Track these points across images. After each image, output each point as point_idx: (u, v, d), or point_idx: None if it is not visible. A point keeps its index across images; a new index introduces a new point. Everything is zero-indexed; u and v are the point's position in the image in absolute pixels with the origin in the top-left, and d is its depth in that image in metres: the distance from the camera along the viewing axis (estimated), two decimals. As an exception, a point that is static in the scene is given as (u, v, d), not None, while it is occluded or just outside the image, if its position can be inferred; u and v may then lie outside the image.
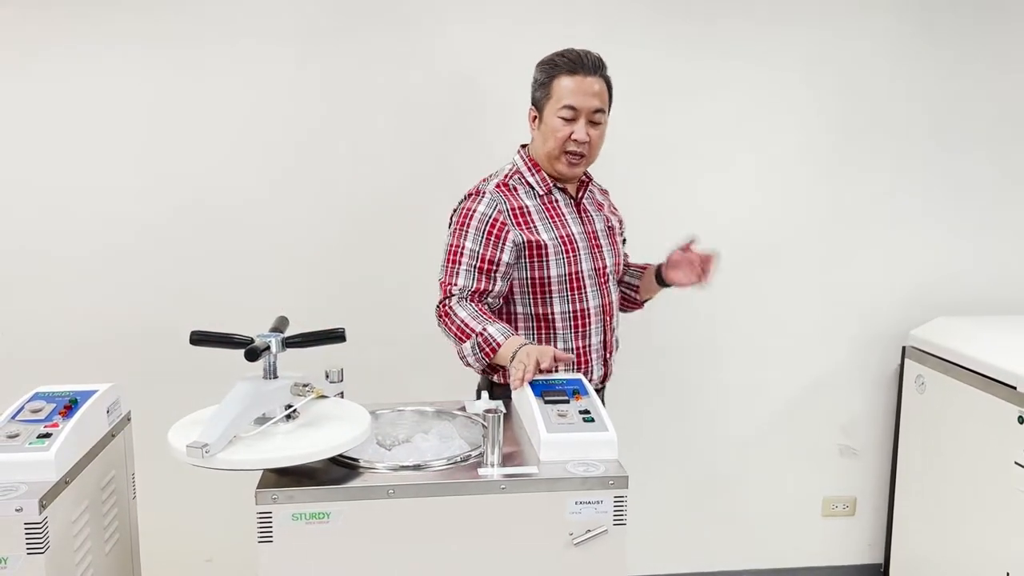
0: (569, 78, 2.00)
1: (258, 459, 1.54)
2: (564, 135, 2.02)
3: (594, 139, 2.04)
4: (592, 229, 2.13)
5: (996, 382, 2.41)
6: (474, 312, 1.96)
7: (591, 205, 2.17)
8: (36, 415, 1.70)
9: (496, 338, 1.89)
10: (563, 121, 2.01)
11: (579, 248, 2.08)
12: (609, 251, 2.15)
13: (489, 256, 2.00)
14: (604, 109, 2.04)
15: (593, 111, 2.01)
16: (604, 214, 2.18)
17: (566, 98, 2.00)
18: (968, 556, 2.55)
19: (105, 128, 2.56)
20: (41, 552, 1.52)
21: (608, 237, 2.16)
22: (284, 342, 1.68)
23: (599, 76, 2.03)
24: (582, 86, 1.99)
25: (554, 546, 1.56)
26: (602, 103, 2.03)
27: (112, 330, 2.62)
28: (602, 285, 2.12)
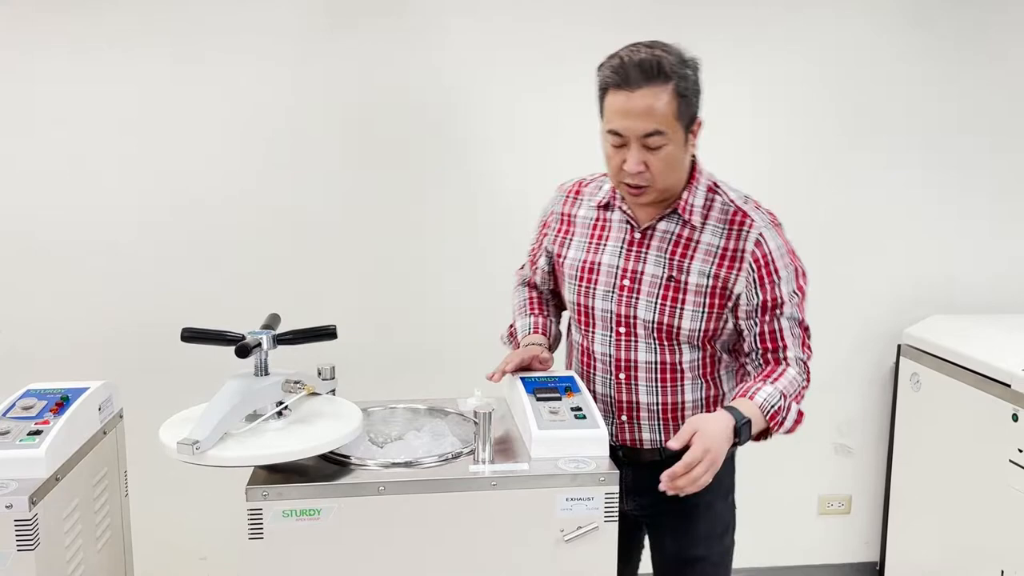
0: (615, 94, 1.62)
1: (249, 456, 1.54)
2: (616, 164, 1.66)
3: (654, 167, 1.63)
4: (636, 269, 1.73)
5: (991, 380, 2.41)
6: (522, 301, 2.01)
7: (664, 241, 1.73)
8: (27, 412, 1.70)
9: (518, 334, 1.95)
10: (613, 146, 1.66)
11: (597, 281, 1.77)
12: (648, 302, 1.72)
13: (535, 252, 1.99)
14: (661, 130, 1.59)
15: (643, 135, 1.60)
16: (679, 261, 1.71)
17: (610, 121, 1.64)
18: (963, 553, 2.55)
19: (100, 126, 2.57)
20: (31, 549, 1.52)
21: (660, 288, 1.71)
22: (275, 339, 1.67)
23: (653, 86, 1.58)
24: (627, 105, 1.59)
25: (545, 543, 1.56)
26: (657, 123, 1.59)
27: (105, 328, 2.62)
28: (617, 334, 1.77)
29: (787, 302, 1.71)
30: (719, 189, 1.75)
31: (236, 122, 2.61)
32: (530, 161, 2.71)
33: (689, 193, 1.72)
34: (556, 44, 2.66)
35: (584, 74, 2.64)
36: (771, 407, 1.63)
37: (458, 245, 2.73)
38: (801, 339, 1.74)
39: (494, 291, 2.74)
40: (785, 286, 1.71)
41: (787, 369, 1.70)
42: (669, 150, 1.62)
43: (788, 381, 1.68)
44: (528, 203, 2.72)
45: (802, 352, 1.74)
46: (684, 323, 1.71)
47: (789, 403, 1.66)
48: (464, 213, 2.72)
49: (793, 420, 1.68)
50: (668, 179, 1.67)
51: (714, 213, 1.72)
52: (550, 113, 2.70)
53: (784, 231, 1.75)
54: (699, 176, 1.75)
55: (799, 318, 1.74)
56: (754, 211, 1.73)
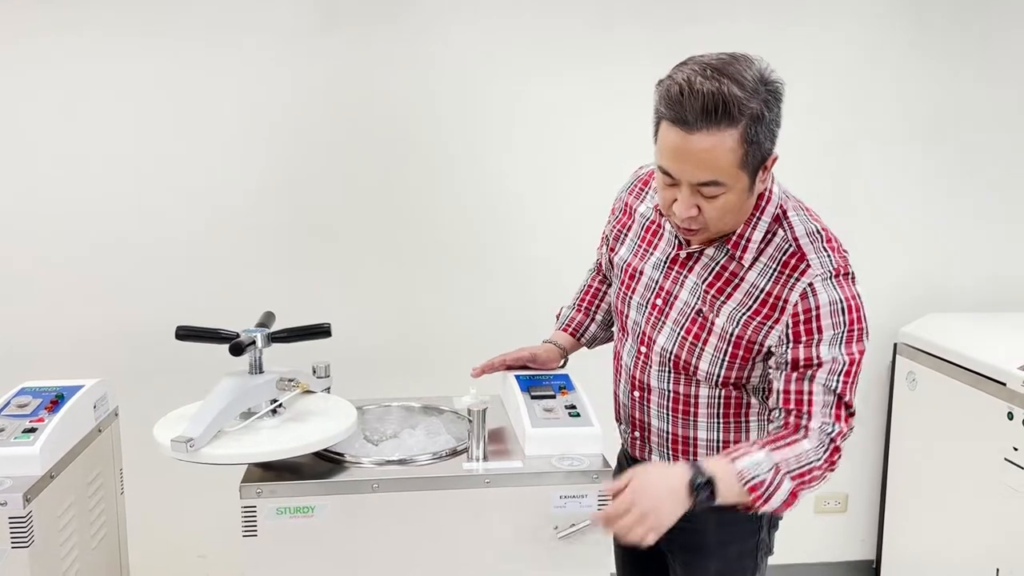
0: (669, 128, 1.39)
1: (243, 453, 1.54)
2: (666, 200, 1.47)
3: (709, 214, 1.44)
4: (670, 291, 1.59)
5: (986, 378, 2.41)
6: (581, 288, 1.96)
7: (707, 269, 1.55)
8: (22, 410, 1.70)
9: (558, 322, 1.94)
10: (664, 180, 1.46)
11: (635, 290, 1.66)
12: (672, 330, 1.58)
13: (604, 235, 1.87)
14: (720, 181, 1.39)
15: (697, 184, 1.41)
16: (713, 296, 1.54)
17: (661, 156, 1.43)
18: (959, 551, 2.55)
19: (95, 125, 2.56)
20: (26, 546, 1.52)
21: (687, 320, 1.57)
22: (269, 337, 1.68)
23: (715, 130, 1.34)
24: (682, 148, 1.38)
25: (539, 540, 1.56)
26: (715, 174, 1.38)
27: (100, 326, 2.62)
28: (639, 352, 1.66)
29: (824, 365, 1.46)
30: (785, 221, 1.52)
31: (232, 122, 2.61)
32: (529, 161, 2.72)
33: (748, 226, 1.51)
34: (556, 42, 2.66)
35: (585, 72, 2.68)
36: (752, 477, 1.40)
37: (455, 244, 2.73)
38: (833, 410, 1.47)
39: (491, 290, 2.76)
40: (827, 348, 1.45)
41: (801, 441, 1.45)
42: (727, 199, 1.42)
43: (794, 454, 1.43)
44: (524, 203, 2.75)
45: (832, 425, 1.46)
46: (702, 364, 1.56)
47: (781, 479, 1.41)
48: (461, 212, 2.72)
49: (782, 500, 1.42)
50: (725, 224, 1.48)
51: (769, 250, 1.50)
52: (551, 112, 2.70)
53: (853, 283, 1.49)
54: (766, 205, 1.52)
55: (837, 389, 1.46)
56: (817, 254, 1.48)
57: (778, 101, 1.43)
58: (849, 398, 1.48)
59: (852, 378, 1.48)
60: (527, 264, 2.76)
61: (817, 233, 1.52)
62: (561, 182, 2.74)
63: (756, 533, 1.70)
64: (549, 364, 1.87)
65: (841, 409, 1.47)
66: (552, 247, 2.74)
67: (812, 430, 1.46)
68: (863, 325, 1.48)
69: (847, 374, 1.47)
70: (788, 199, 1.56)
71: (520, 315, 2.66)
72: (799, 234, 1.51)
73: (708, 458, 1.48)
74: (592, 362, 1.97)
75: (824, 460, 1.45)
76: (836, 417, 1.47)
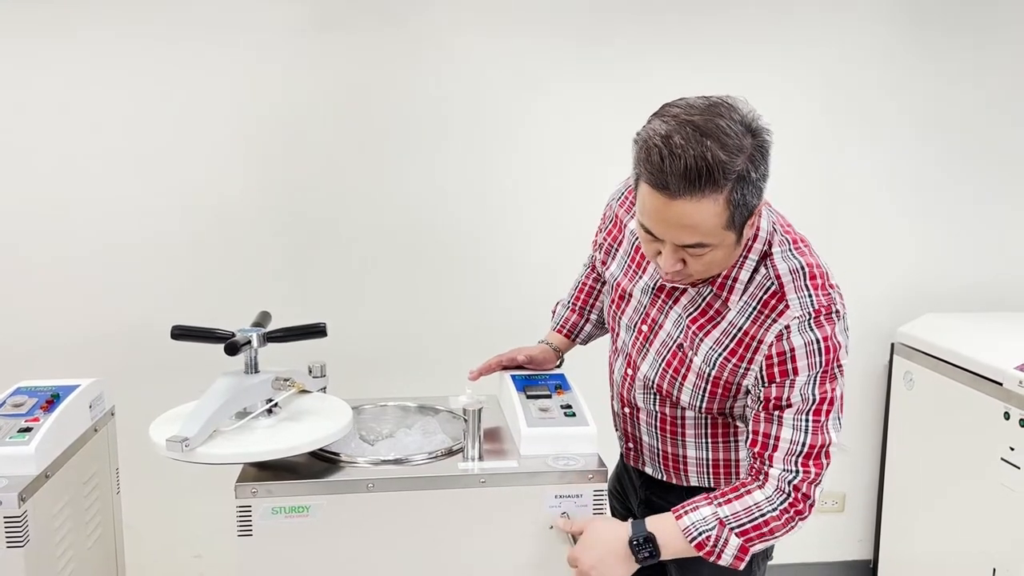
0: (650, 193, 1.33)
1: (238, 453, 1.54)
2: (651, 252, 1.43)
3: (694, 268, 1.40)
4: (656, 319, 1.56)
5: (983, 378, 2.41)
6: (576, 285, 1.94)
7: (692, 303, 1.52)
8: (17, 409, 1.70)
9: (553, 320, 1.94)
10: (647, 240, 1.41)
11: (624, 311, 1.64)
12: (655, 360, 1.56)
13: (594, 240, 1.82)
14: (705, 243, 1.34)
15: (681, 247, 1.36)
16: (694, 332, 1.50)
17: (643, 217, 1.38)
18: (956, 551, 2.55)
19: (89, 125, 2.55)
20: (21, 546, 1.52)
21: (668, 352, 1.54)
22: (265, 337, 1.68)
23: (698, 197, 1.28)
24: (664, 212, 1.32)
25: (534, 539, 1.56)
26: (700, 236, 1.33)
27: (96, 326, 2.61)
28: (626, 375, 1.65)
29: (793, 405, 1.41)
30: (769, 260, 1.46)
31: (229, 121, 2.60)
32: (526, 163, 2.71)
33: (735, 267, 1.47)
34: (554, 44, 2.65)
35: (586, 76, 2.68)
36: (698, 534, 1.41)
37: (451, 245, 2.73)
38: (800, 458, 1.41)
39: (487, 290, 2.76)
40: (799, 390, 1.41)
41: (753, 491, 1.42)
42: (713, 255, 1.38)
43: (743, 507, 1.41)
44: (521, 204, 2.75)
45: (795, 473, 1.41)
46: (683, 396, 1.54)
47: (727, 535, 1.40)
48: (458, 213, 2.72)
49: (732, 556, 1.41)
50: (711, 273, 1.45)
51: (751, 288, 1.46)
52: (550, 114, 2.70)
53: (836, 319, 1.43)
54: (753, 243, 1.46)
55: (808, 431, 1.40)
56: (797, 293, 1.43)
57: (764, 155, 1.34)
58: (822, 439, 1.42)
59: (825, 417, 1.42)
60: (524, 265, 2.75)
61: (801, 270, 1.46)
62: (559, 185, 2.73)
63: None
64: (545, 365, 1.88)
65: (809, 459, 1.41)
66: (549, 248, 2.73)
67: (771, 478, 1.42)
68: (840, 364, 1.43)
69: (817, 412, 1.41)
70: (775, 232, 1.49)
71: (517, 315, 2.66)
72: (781, 272, 1.45)
73: (656, 516, 1.48)
74: (589, 362, 1.97)
75: (780, 510, 1.41)
76: (804, 465, 1.41)
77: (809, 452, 1.42)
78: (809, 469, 1.42)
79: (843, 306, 1.48)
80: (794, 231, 1.54)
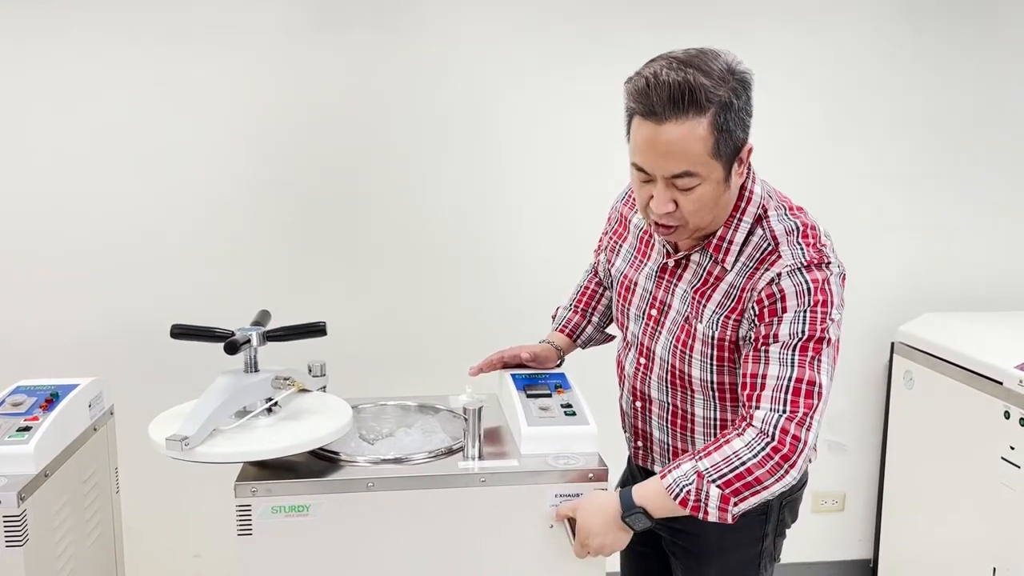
0: (640, 123, 1.38)
1: (237, 452, 1.54)
2: (643, 199, 1.45)
3: (685, 208, 1.42)
4: (664, 300, 1.58)
5: (983, 377, 2.41)
6: (577, 289, 1.96)
7: (695, 276, 1.54)
8: (16, 408, 1.70)
9: (554, 323, 1.95)
10: (638, 177, 1.44)
11: (632, 302, 1.65)
12: (667, 340, 1.57)
13: (600, 242, 1.88)
14: (693, 172, 1.37)
15: (671, 176, 1.39)
16: (698, 302, 1.52)
17: (633, 153, 1.42)
18: (956, 551, 2.55)
19: (87, 125, 2.55)
20: (20, 545, 1.52)
21: (678, 328, 1.55)
22: (265, 336, 1.68)
23: (684, 119, 1.34)
24: (653, 139, 1.36)
25: (534, 538, 1.56)
26: (688, 164, 1.36)
27: (96, 325, 2.61)
28: (638, 363, 1.65)
29: (782, 339, 1.41)
30: (765, 221, 1.49)
31: (228, 120, 2.60)
32: (525, 160, 2.71)
33: (728, 228, 1.49)
34: (555, 39, 2.65)
35: (586, 73, 2.68)
36: (679, 491, 1.41)
37: (451, 243, 2.73)
38: (787, 394, 1.39)
39: (487, 290, 2.75)
40: (787, 325, 1.41)
41: (732, 440, 1.41)
42: (703, 190, 1.40)
43: (722, 458, 1.40)
44: (522, 203, 2.74)
45: (780, 412, 1.39)
46: (694, 371, 1.54)
47: (706, 487, 1.39)
48: (458, 211, 2.72)
49: (716, 508, 1.40)
50: (702, 219, 1.45)
51: (748, 249, 1.48)
52: (551, 112, 2.69)
53: (828, 276, 1.44)
54: (747, 206, 1.49)
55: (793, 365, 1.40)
56: (791, 247, 1.45)
57: (747, 89, 1.39)
58: (810, 375, 1.39)
59: (814, 354, 1.40)
60: (524, 264, 2.75)
61: (796, 229, 1.48)
62: (559, 183, 2.73)
63: (760, 542, 1.68)
64: (547, 364, 1.88)
65: (799, 393, 1.39)
66: (549, 248, 2.73)
67: (755, 421, 1.40)
68: (829, 308, 1.42)
69: (804, 349, 1.40)
70: (770, 199, 1.52)
71: (517, 314, 2.66)
72: (777, 232, 1.48)
73: (642, 483, 1.50)
74: (590, 362, 1.97)
75: (763, 456, 1.38)
76: (791, 404, 1.39)
77: (796, 388, 1.39)
78: (797, 407, 1.39)
79: (839, 264, 1.48)
80: (790, 200, 1.56)
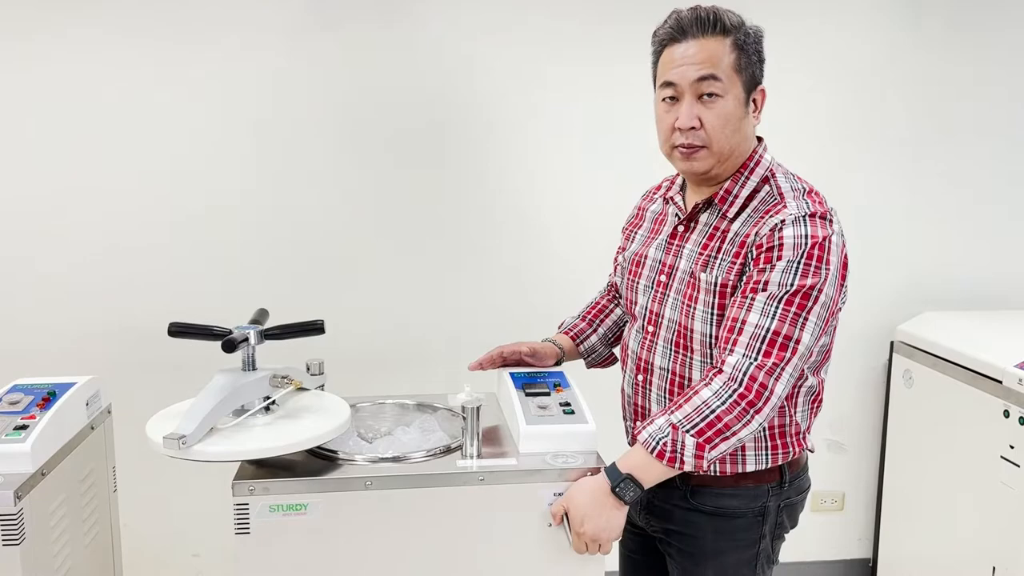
0: (670, 49, 1.54)
1: (235, 451, 1.53)
2: (668, 124, 1.55)
3: (709, 122, 1.51)
4: (672, 264, 1.63)
5: (983, 376, 2.40)
6: (588, 303, 1.97)
7: (701, 235, 1.60)
8: (13, 407, 1.69)
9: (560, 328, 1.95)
10: (666, 105, 1.55)
11: (640, 275, 1.69)
12: (675, 299, 1.60)
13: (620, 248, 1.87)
14: (718, 76, 1.49)
15: (696, 80, 1.49)
16: (705, 256, 1.57)
17: (663, 74, 1.55)
18: (955, 550, 2.54)
19: (85, 123, 2.54)
20: (16, 544, 1.51)
21: (685, 285, 1.58)
22: (263, 334, 1.67)
23: (711, 37, 1.50)
24: (683, 53, 1.51)
25: (533, 537, 1.55)
26: (713, 67, 1.49)
27: (93, 323, 2.60)
28: (646, 332, 1.67)
29: (771, 292, 1.44)
30: (773, 180, 1.57)
31: (226, 119, 2.59)
32: (527, 159, 2.71)
33: (735, 183, 1.57)
34: (556, 36, 2.65)
35: (588, 65, 2.67)
36: (655, 444, 1.45)
37: (450, 242, 2.73)
38: (762, 343, 1.42)
39: (486, 288, 2.75)
40: (778, 274, 1.45)
41: (701, 391, 1.45)
42: (726, 105, 1.51)
43: (692, 408, 1.44)
44: (521, 202, 2.74)
45: (751, 360, 1.42)
46: (696, 324, 1.56)
47: (681, 437, 1.43)
48: (457, 210, 2.71)
49: (692, 456, 1.43)
50: (724, 141, 1.52)
51: (754, 203, 1.56)
52: (551, 111, 2.69)
53: (829, 233, 1.49)
54: (755, 167, 1.58)
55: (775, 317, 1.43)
56: (797, 200, 1.52)
57: (760, 38, 1.56)
58: (788, 330, 1.43)
59: (799, 310, 1.43)
60: (523, 263, 2.75)
61: (801, 190, 1.56)
62: (559, 184, 2.73)
63: (756, 543, 1.67)
64: (546, 360, 1.87)
65: (774, 344, 1.42)
66: (550, 247, 2.73)
67: (726, 367, 1.44)
68: (824, 266, 1.45)
69: (789, 302, 1.43)
70: (779, 167, 1.61)
71: (516, 313, 2.66)
72: (784, 190, 1.56)
73: (624, 453, 1.52)
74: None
75: (730, 403, 1.42)
76: (764, 353, 1.42)
77: (772, 339, 1.43)
78: (768, 357, 1.42)
79: (839, 226, 1.54)
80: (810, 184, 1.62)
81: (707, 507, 1.62)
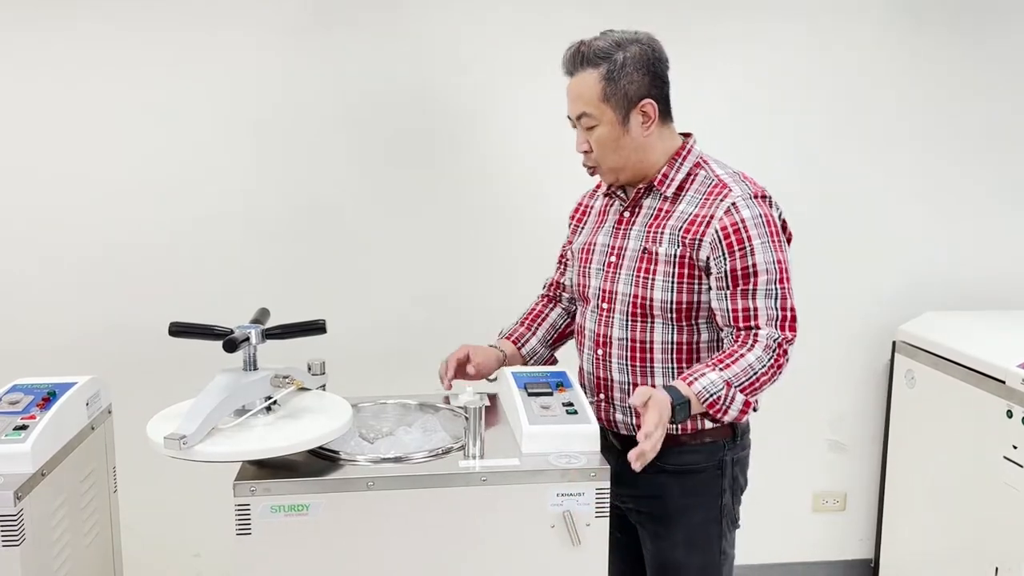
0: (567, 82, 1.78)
1: (236, 451, 1.53)
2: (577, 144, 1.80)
3: (593, 146, 1.75)
4: (621, 245, 1.80)
5: (985, 376, 2.40)
6: (526, 311, 2.09)
7: (646, 216, 1.79)
8: (13, 407, 1.69)
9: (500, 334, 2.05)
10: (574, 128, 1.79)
11: (591, 260, 1.85)
12: (627, 276, 1.76)
13: (564, 247, 2.07)
14: (588, 112, 1.71)
15: (576, 117, 1.75)
16: (654, 233, 1.75)
17: None
18: (957, 550, 2.54)
19: (86, 123, 2.54)
20: (16, 544, 1.51)
21: (637, 261, 1.76)
22: (264, 334, 1.67)
23: (581, 73, 1.72)
24: (568, 89, 1.76)
25: (536, 538, 1.55)
26: (584, 105, 1.71)
27: (93, 323, 2.60)
28: (601, 310, 1.81)
29: (760, 274, 1.67)
30: (707, 166, 1.78)
31: (228, 119, 2.59)
32: (529, 158, 2.70)
33: (671, 168, 1.77)
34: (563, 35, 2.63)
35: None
36: (709, 396, 1.62)
37: (451, 241, 2.72)
38: (779, 322, 1.68)
39: (487, 288, 2.74)
40: (761, 255, 1.67)
41: (747, 353, 1.66)
42: (600, 131, 1.72)
43: (742, 368, 1.65)
44: (523, 201, 2.73)
45: (779, 332, 1.68)
46: (655, 293, 1.73)
47: (733, 393, 1.63)
48: (458, 209, 2.71)
49: (738, 410, 1.65)
50: (609, 159, 1.75)
51: (694, 185, 1.76)
52: (552, 109, 2.67)
53: (772, 208, 1.72)
54: (686, 155, 1.78)
55: (778, 297, 1.68)
56: (737, 183, 1.72)
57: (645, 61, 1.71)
58: (790, 304, 1.69)
59: (788, 284, 1.70)
60: (523, 262, 2.73)
61: (736, 174, 1.76)
62: (559, 181, 2.71)
63: (719, 497, 1.81)
64: (485, 365, 1.93)
65: (786, 320, 1.68)
66: (549, 246, 2.72)
67: (759, 341, 1.66)
68: (782, 238, 1.72)
69: (781, 281, 1.69)
70: (709, 157, 1.81)
71: (516, 313, 2.64)
72: (720, 174, 1.75)
73: (673, 382, 1.66)
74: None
75: (768, 367, 1.66)
76: (782, 327, 1.68)
77: (784, 317, 1.69)
78: (786, 332, 1.69)
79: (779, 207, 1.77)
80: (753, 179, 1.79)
81: (671, 465, 1.73)
